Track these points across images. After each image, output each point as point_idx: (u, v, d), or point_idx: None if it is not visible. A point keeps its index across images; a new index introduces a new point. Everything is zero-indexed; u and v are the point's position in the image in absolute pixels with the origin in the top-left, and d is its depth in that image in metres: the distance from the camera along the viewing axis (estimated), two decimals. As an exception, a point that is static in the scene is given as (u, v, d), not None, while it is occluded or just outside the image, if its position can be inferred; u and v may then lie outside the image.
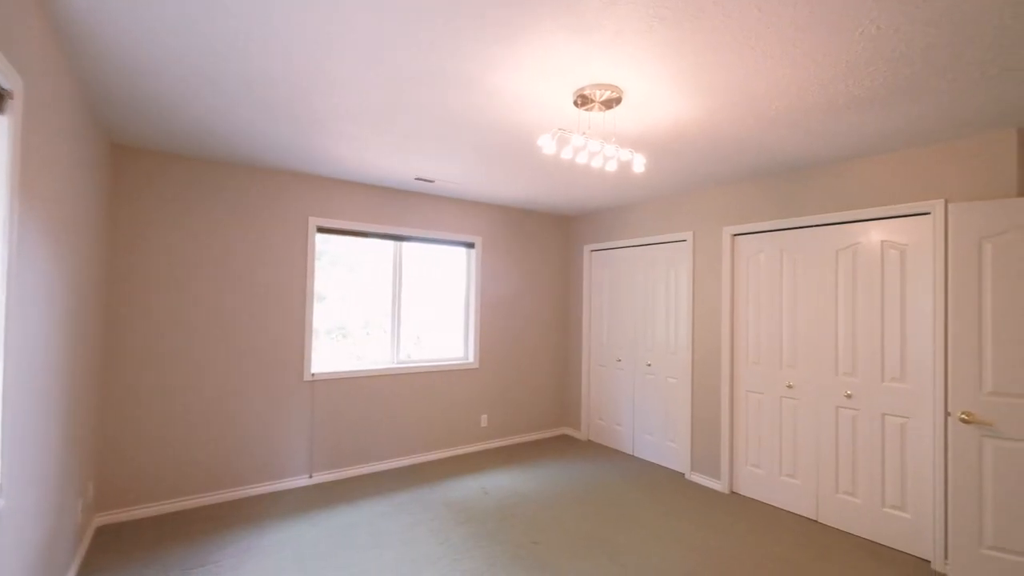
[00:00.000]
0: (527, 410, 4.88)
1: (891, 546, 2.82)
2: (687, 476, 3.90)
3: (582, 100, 2.15)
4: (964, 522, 2.40)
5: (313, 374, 3.67)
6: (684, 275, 4.02)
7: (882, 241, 2.90)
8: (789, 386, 3.31)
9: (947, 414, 2.58)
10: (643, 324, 4.38)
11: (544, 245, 5.04)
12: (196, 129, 2.71)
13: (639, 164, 2.31)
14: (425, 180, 3.74)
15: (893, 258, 2.85)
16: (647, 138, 2.68)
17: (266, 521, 3.02)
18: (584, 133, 2.20)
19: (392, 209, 4.07)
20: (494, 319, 4.66)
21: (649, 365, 4.31)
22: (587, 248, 4.95)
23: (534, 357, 4.94)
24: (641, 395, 4.38)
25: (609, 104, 2.18)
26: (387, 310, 4.15)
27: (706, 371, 3.80)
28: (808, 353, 3.22)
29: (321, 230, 3.78)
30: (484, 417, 4.55)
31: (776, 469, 3.37)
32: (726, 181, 3.60)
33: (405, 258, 4.24)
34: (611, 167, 2.35)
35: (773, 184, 3.41)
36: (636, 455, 4.41)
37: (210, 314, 3.29)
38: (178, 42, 1.81)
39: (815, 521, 3.16)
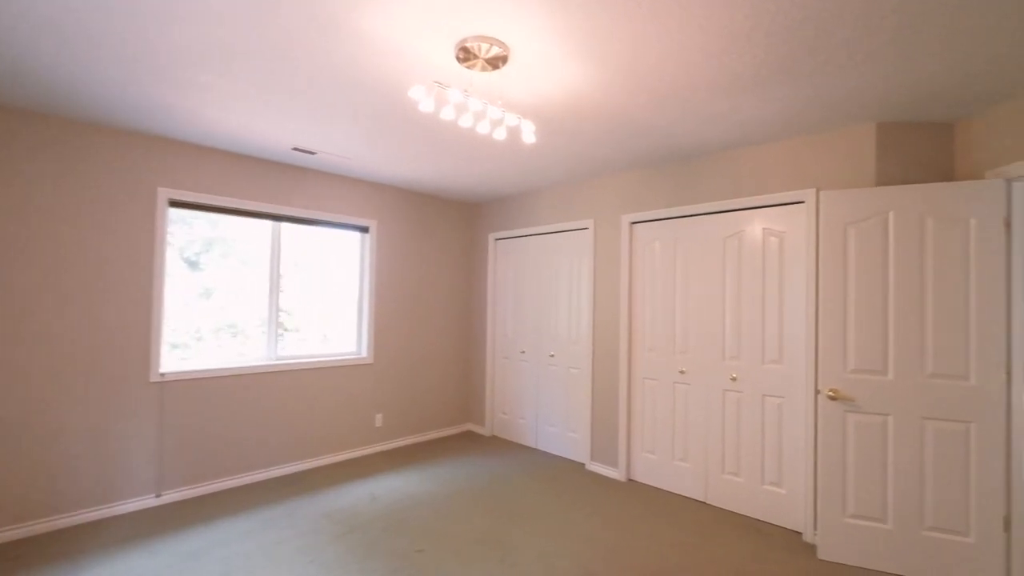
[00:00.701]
0: (428, 407, 4.59)
1: (770, 521, 2.94)
2: (587, 466, 3.86)
3: (465, 55, 1.93)
4: (830, 493, 2.53)
5: (163, 374, 3.09)
6: (586, 263, 3.97)
7: (763, 229, 3.01)
8: (682, 372, 3.36)
9: (817, 392, 2.73)
10: (547, 314, 4.29)
11: (447, 232, 4.77)
12: (-25, 60, 2.10)
13: (529, 133, 2.13)
14: (305, 151, 3.31)
15: (773, 245, 2.97)
16: (541, 111, 2.52)
17: (87, 554, 2.45)
18: (466, 91, 1.98)
19: (269, 185, 3.58)
20: (391, 310, 4.31)
21: (552, 356, 4.22)
22: (492, 236, 4.77)
23: (436, 350, 4.66)
24: (544, 387, 4.28)
25: (495, 63, 1.98)
26: (264, 300, 3.64)
27: (606, 360, 3.78)
28: (699, 339, 3.29)
29: (176, 204, 3.20)
30: (379, 416, 4.19)
31: (669, 454, 3.42)
32: (625, 168, 3.58)
33: (290, 243, 3.76)
34: (500, 135, 2.15)
35: (668, 172, 3.45)
36: (539, 448, 4.31)
37: (8, 302, 2.62)
38: None
39: (704, 503, 3.23)
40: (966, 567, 2.28)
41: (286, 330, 3.81)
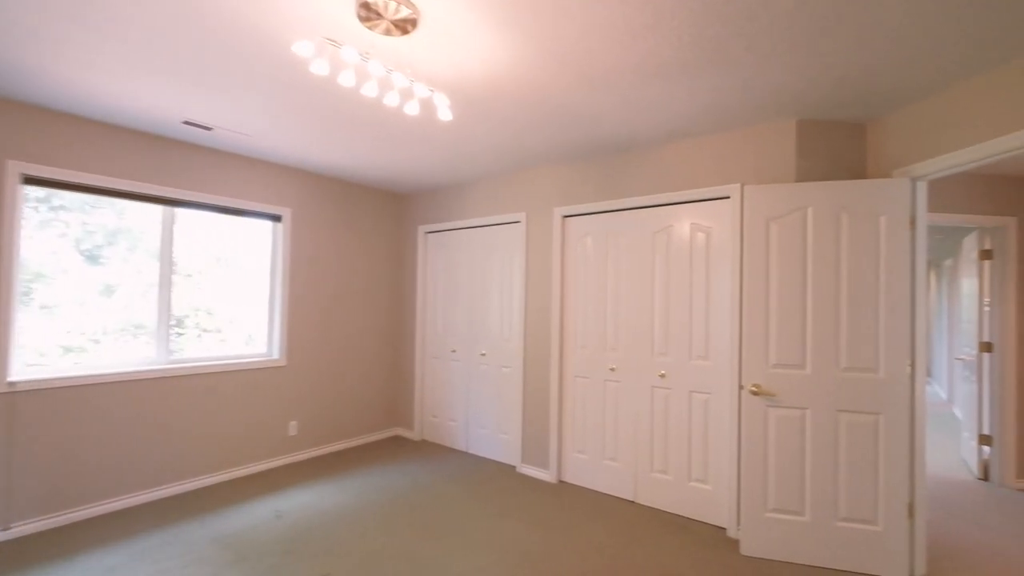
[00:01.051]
0: (350, 412, 4.26)
1: (696, 518, 2.92)
2: (518, 469, 3.71)
3: (367, 12, 1.69)
4: (753, 488, 2.53)
5: (13, 383, 2.59)
6: (518, 258, 3.82)
7: (691, 224, 2.99)
8: (612, 369, 3.29)
9: (740, 388, 2.73)
10: (478, 310, 4.10)
11: (373, 223, 4.46)
12: None
13: (444, 108, 1.93)
14: (199, 126, 2.91)
15: (700, 240, 2.96)
16: (460, 89, 2.32)
17: None
18: (366, 53, 1.74)
19: (160, 164, 3.12)
20: (309, 308, 3.94)
21: (483, 355, 4.04)
22: (422, 229, 4.51)
23: (360, 351, 4.34)
24: (476, 387, 4.09)
25: (403, 27, 1.76)
26: (154, 296, 3.19)
27: (538, 358, 3.65)
28: (629, 335, 3.23)
29: (33, 181, 2.70)
30: (293, 424, 3.82)
31: (600, 454, 3.34)
32: (557, 160, 3.47)
33: (188, 231, 3.32)
34: (412, 109, 1.93)
35: (600, 165, 3.37)
36: (470, 451, 4.12)
37: None
38: None
39: (633, 502, 3.17)
40: (875, 555, 2.35)
41: (205, 331, 3.46)
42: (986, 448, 3.72)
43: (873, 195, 2.39)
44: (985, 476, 3.73)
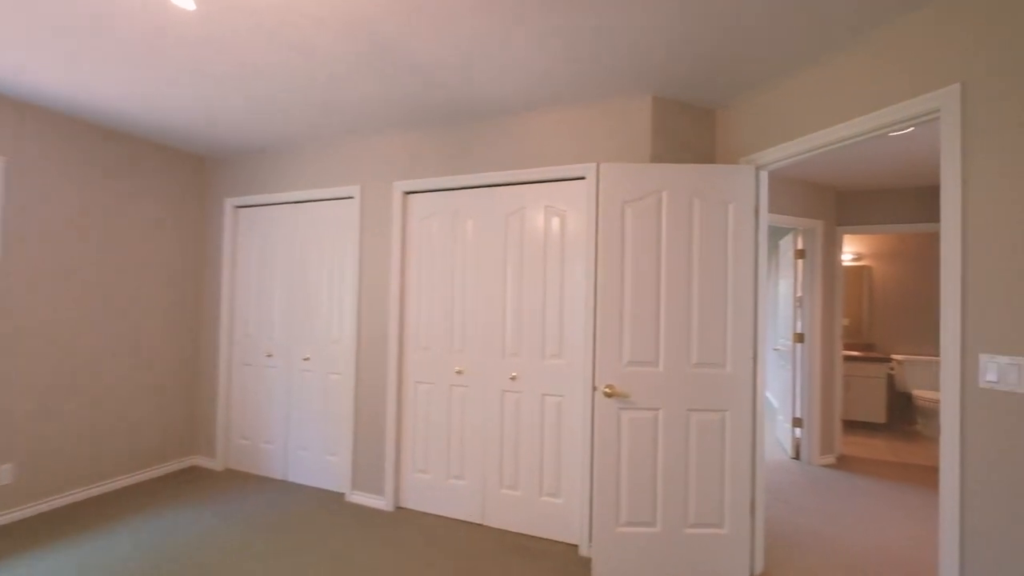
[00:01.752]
0: (116, 441, 3.15)
1: (548, 537, 2.60)
2: (347, 497, 3.06)
3: None
4: (605, 501, 2.27)
5: None
6: (351, 242, 3.15)
7: (546, 207, 2.67)
8: (459, 372, 2.83)
9: (594, 389, 2.47)
10: (301, 306, 3.33)
11: (158, 190, 3.37)
12: None
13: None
14: None
15: (555, 225, 2.64)
16: (239, -11, 1.64)
17: None
18: None
19: None
20: (39, 300, 2.78)
21: (307, 359, 3.29)
22: (230, 203, 3.56)
23: (134, 358, 3.25)
24: (297, 399, 3.32)
25: None
26: None
27: (373, 362, 3.04)
28: (478, 333, 2.80)
29: None
30: (6, 468, 2.65)
31: (444, 472, 2.86)
32: (397, 124, 2.89)
33: None
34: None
35: (447, 135, 2.88)
36: (289, 479, 3.33)
37: None
38: None
39: (481, 525, 2.75)
40: (720, 559, 2.24)
41: None
42: (798, 430, 4.11)
43: (723, 181, 2.28)
44: (797, 455, 4.11)
